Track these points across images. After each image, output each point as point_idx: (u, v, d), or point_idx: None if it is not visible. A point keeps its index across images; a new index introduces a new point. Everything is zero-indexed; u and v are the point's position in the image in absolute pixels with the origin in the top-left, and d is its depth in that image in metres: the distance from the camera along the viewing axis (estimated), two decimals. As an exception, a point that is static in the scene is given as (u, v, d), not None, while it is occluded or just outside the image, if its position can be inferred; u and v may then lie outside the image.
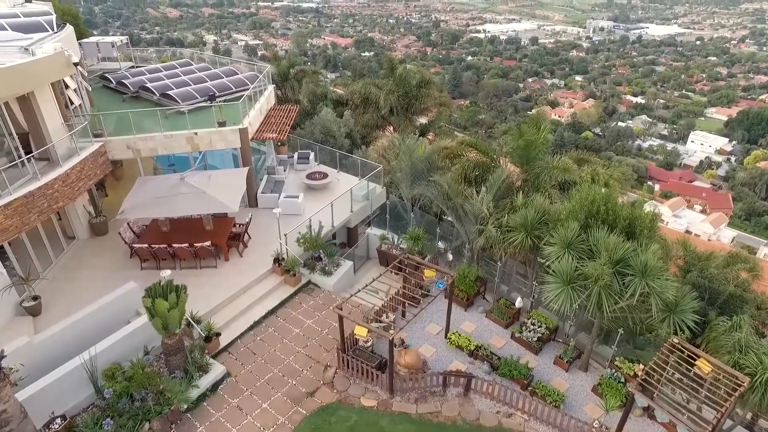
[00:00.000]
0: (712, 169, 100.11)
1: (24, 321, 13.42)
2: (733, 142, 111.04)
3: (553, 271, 11.81)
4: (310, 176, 20.93)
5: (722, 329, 12.18)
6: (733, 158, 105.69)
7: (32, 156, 14.04)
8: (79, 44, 21.28)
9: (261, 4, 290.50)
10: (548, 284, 11.82)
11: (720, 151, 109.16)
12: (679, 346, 11.54)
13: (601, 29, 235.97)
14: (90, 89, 20.50)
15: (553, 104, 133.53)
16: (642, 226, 12.04)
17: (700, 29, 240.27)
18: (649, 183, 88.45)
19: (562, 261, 11.67)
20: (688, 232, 64.62)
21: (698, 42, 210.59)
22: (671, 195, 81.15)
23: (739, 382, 10.40)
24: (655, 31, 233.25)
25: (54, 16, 17.94)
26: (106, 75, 22.82)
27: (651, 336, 13.70)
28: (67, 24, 18.65)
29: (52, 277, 15.35)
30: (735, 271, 15.57)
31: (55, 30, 17.15)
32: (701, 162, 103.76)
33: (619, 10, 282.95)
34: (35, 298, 13.71)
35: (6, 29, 16.33)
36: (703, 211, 78.22)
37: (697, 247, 16.93)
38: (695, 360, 11.22)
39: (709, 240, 63.79)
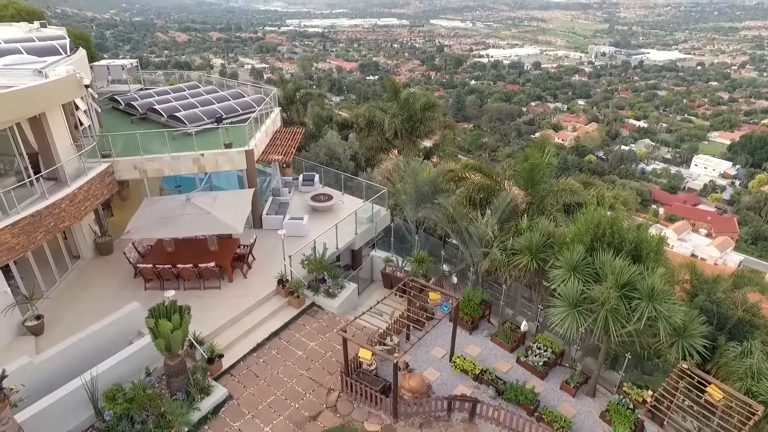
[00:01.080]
0: (717, 192, 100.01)
1: (26, 341, 13.36)
2: (737, 165, 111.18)
3: (558, 294, 11.71)
4: (314, 198, 21.00)
5: (733, 355, 11.95)
6: (737, 182, 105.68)
7: (41, 176, 14.19)
8: (91, 67, 21.69)
9: (268, 29, 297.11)
10: (554, 308, 11.70)
11: (724, 175, 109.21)
12: (689, 372, 11.35)
13: (603, 54, 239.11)
14: (99, 110, 20.81)
15: (557, 128, 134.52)
16: (648, 250, 11.97)
17: (700, 55, 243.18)
18: (654, 206, 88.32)
19: (567, 284, 11.59)
20: (693, 255, 64.19)
21: (699, 67, 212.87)
22: (676, 218, 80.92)
23: (752, 411, 10.17)
24: (656, 56, 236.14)
25: (67, 40, 18.34)
26: (116, 97, 23.20)
27: (659, 361, 13.46)
28: (80, 47, 19.05)
29: (56, 296, 15.33)
30: (743, 294, 15.36)
31: (68, 53, 17.50)
32: (705, 185, 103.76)
33: (620, 36, 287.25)
34: (38, 317, 13.67)
35: (22, 53, 16.71)
36: (708, 235, 77.80)
37: (704, 271, 16.75)
38: (706, 386, 11.02)
39: (715, 264, 63.22)
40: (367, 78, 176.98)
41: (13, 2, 31.05)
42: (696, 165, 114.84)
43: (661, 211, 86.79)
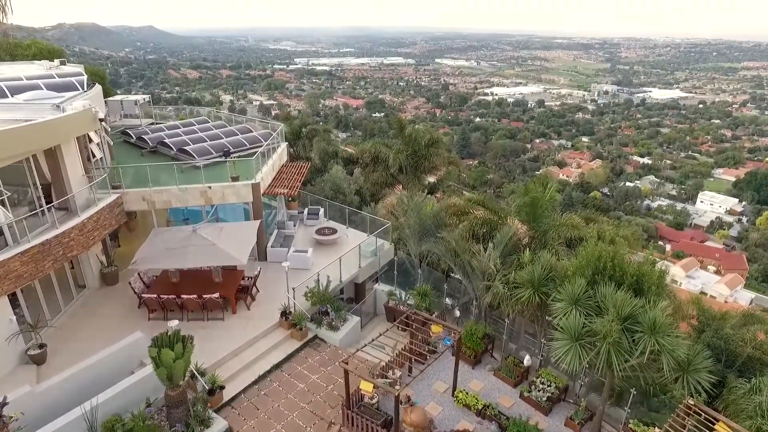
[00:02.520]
0: (724, 229, 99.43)
1: (27, 369, 13.37)
2: (743, 202, 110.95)
3: (560, 327, 11.68)
4: (319, 231, 21.22)
5: (742, 392, 11.77)
6: (744, 219, 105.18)
7: (52, 205, 14.54)
8: (105, 102, 22.45)
9: (277, 66, 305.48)
10: (556, 341, 11.65)
11: (731, 212, 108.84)
12: (696, 409, 11.16)
13: (606, 93, 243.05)
14: (112, 143, 21.41)
15: (561, 164, 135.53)
16: (649, 283, 11.98)
17: (701, 93, 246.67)
18: (660, 243, 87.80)
19: (569, 317, 11.57)
20: (703, 293, 63.30)
21: (701, 105, 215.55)
22: (683, 255, 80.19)
23: (760, 449, 9.95)
24: (658, 94, 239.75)
25: (84, 77, 19.10)
26: (128, 131, 23.88)
27: (666, 397, 13.23)
28: (96, 83, 19.81)
29: (60, 325, 15.42)
30: (752, 332, 15.19)
31: (85, 89, 18.21)
32: (712, 222, 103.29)
33: (622, 75, 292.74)
34: (41, 346, 13.73)
35: (42, 88, 17.45)
36: (717, 272, 76.86)
37: (713, 308, 16.61)
38: (714, 424, 10.81)
39: (725, 302, 62.27)
40: (374, 115, 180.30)
41: (36, 42, 32.48)
42: (702, 201, 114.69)
43: (668, 247, 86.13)
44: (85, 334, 15.00)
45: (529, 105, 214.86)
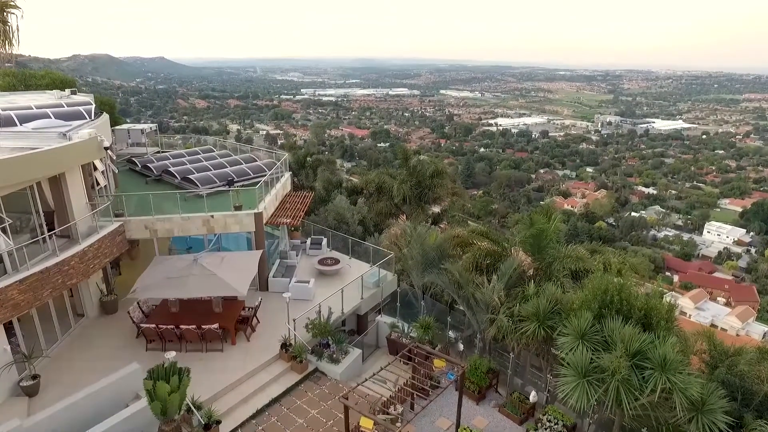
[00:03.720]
0: (732, 260, 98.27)
1: (19, 402, 13.03)
2: (751, 233, 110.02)
3: (567, 362, 11.33)
4: (321, 262, 21.04)
5: (759, 434, 11.28)
6: (753, 249, 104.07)
7: (54, 233, 14.50)
8: (112, 131, 22.73)
9: (283, 97, 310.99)
10: (563, 377, 11.29)
11: (738, 242, 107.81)
12: (711, 452, 10.67)
13: (609, 123, 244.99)
14: (117, 171, 21.55)
15: (566, 194, 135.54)
16: (658, 317, 11.67)
17: (704, 124, 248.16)
18: (668, 273, 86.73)
19: (576, 352, 11.24)
20: (713, 326, 62.01)
21: (704, 136, 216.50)
22: (692, 286, 79.04)
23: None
24: (661, 125, 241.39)
25: (93, 106, 19.38)
26: (133, 159, 24.09)
27: (679, 439, 12.71)
28: (104, 112, 20.08)
29: (56, 355, 15.14)
30: (768, 368, 14.66)
31: (92, 118, 18.45)
32: (720, 253, 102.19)
33: (624, 106, 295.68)
34: (34, 377, 13.42)
35: (50, 117, 17.71)
36: (727, 304, 75.52)
37: (724, 342, 16.11)
38: (729, 468, 10.32)
39: (737, 335, 60.85)
40: (379, 145, 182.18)
41: (49, 73, 33.26)
42: (709, 232, 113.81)
43: (676, 278, 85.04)
44: (80, 364, 14.72)
45: (533, 135, 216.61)
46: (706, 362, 15.08)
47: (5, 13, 8.22)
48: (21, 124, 17.01)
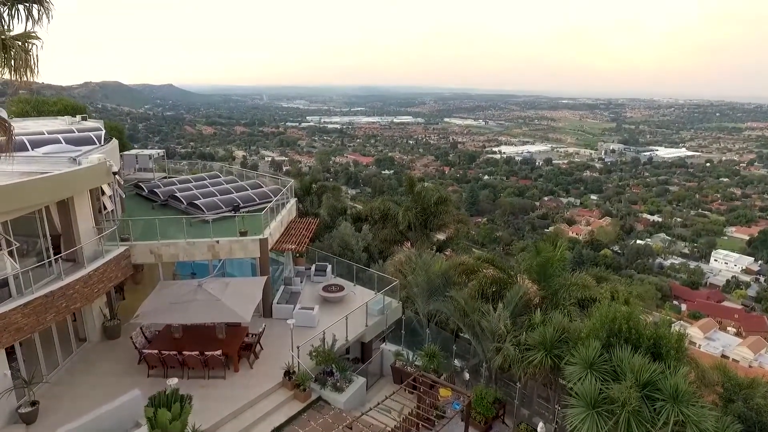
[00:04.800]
0: (741, 288, 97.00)
1: (16, 429, 12.81)
2: (759, 261, 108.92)
3: (575, 393, 11.10)
4: (326, 289, 20.91)
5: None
6: (762, 278, 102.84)
7: (60, 257, 14.53)
8: (121, 156, 23.02)
9: (289, 124, 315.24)
10: (571, 408, 11.04)
11: (746, 271, 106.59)
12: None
13: (613, 151, 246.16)
14: (124, 196, 21.73)
15: (570, 222, 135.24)
16: (668, 347, 11.48)
17: (708, 152, 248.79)
18: (675, 302, 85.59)
19: (584, 382, 11.02)
20: (724, 356, 60.79)
21: (708, 164, 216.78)
22: (700, 315, 77.84)
23: None
24: (665, 153, 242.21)
25: (103, 132, 19.72)
26: (140, 184, 24.31)
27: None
28: (113, 138, 20.39)
29: (56, 380, 14.96)
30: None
31: (101, 143, 18.73)
32: (728, 281, 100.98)
33: (627, 134, 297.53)
34: (33, 403, 13.21)
35: (61, 142, 18.03)
36: (738, 334, 74.17)
37: (738, 373, 15.79)
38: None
39: (750, 366, 59.51)
40: (383, 172, 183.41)
41: (61, 99, 34.10)
42: (716, 260, 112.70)
43: (684, 307, 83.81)
44: (81, 390, 14.51)
45: (537, 163, 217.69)
46: (720, 394, 14.76)
47: (27, 44, 8.44)
48: (33, 149, 17.30)
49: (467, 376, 16.99)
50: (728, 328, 75.97)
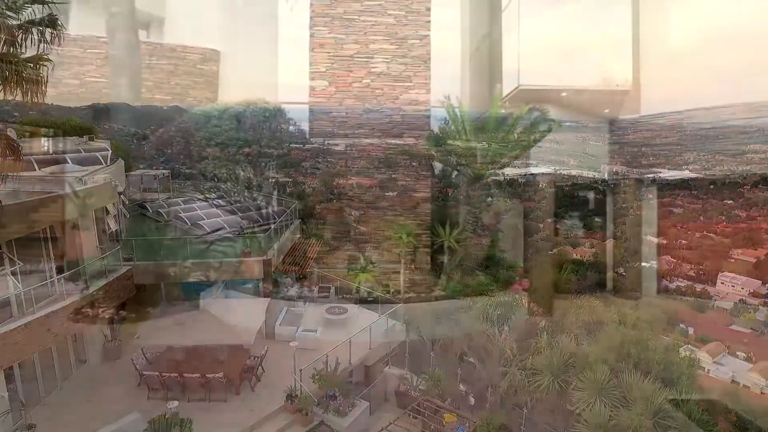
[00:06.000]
0: (750, 312, 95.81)
1: (13, 454, 12.59)
2: (767, 284, 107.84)
3: (584, 420, 10.84)
4: (329, 310, 20.71)
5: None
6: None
7: (63, 276, 14.47)
8: (126, 176, 23.15)
9: (293, 145, 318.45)
10: (581, 436, 10.77)
11: (754, 294, 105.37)
12: None
13: (615, 173, 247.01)
14: (128, 216, 21.77)
15: (574, 244, 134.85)
16: (679, 372, 11.24)
17: (711, 174, 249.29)
18: (681, 325, 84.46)
19: (593, 408, 10.76)
20: (734, 381, 59.57)
21: (712, 186, 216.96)
22: (708, 339, 76.62)
23: None
24: (668, 175, 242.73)
25: (109, 152, 19.89)
26: (145, 204, 24.38)
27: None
28: (119, 158, 20.54)
29: (54, 402, 14.72)
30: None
31: (107, 163, 18.86)
32: (736, 305, 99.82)
33: (630, 156, 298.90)
34: (29, 427, 12.98)
35: (68, 162, 18.15)
36: (748, 359, 72.82)
37: (750, 401, 15.38)
38: None
39: (761, 393, 58.00)
40: (386, 194, 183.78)
41: (69, 120, 34.40)
42: (722, 283, 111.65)
43: (691, 330, 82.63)
44: (79, 413, 14.24)
45: (540, 185, 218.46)
46: (733, 422, 14.38)
47: (39, 66, 8.63)
48: (39, 169, 17.40)
49: (472, 400, 16.62)
50: (738, 353, 74.68)
